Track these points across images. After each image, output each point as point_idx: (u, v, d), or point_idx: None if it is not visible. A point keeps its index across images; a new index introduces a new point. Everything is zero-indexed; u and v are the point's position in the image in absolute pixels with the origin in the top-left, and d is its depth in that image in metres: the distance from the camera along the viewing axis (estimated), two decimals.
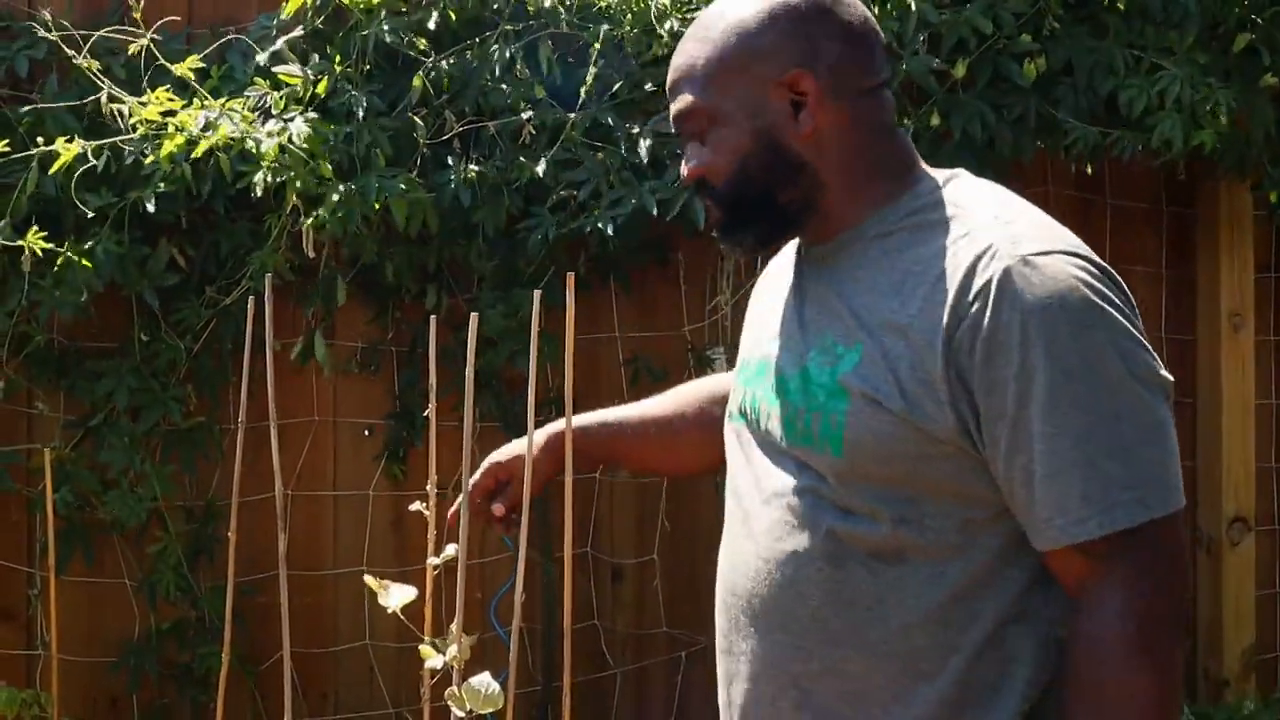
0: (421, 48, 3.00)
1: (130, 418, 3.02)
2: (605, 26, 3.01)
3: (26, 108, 2.88)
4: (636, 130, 2.96)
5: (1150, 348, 1.31)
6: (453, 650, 2.20)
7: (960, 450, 1.28)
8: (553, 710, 3.19)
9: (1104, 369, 1.25)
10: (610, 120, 2.99)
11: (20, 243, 2.73)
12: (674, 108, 1.42)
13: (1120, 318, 1.28)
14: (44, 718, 2.86)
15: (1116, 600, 1.25)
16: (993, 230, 1.31)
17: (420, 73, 2.96)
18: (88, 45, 2.86)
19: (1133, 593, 1.25)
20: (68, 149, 2.75)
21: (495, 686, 2.10)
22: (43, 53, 2.94)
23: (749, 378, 1.46)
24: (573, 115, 2.98)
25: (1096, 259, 1.32)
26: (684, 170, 1.44)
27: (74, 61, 2.86)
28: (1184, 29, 2.97)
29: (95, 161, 2.77)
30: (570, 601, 2.76)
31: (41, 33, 2.87)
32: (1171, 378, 1.32)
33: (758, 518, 1.39)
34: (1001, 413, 1.26)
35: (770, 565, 1.36)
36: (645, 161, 2.94)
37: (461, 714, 2.20)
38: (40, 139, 2.80)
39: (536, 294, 2.67)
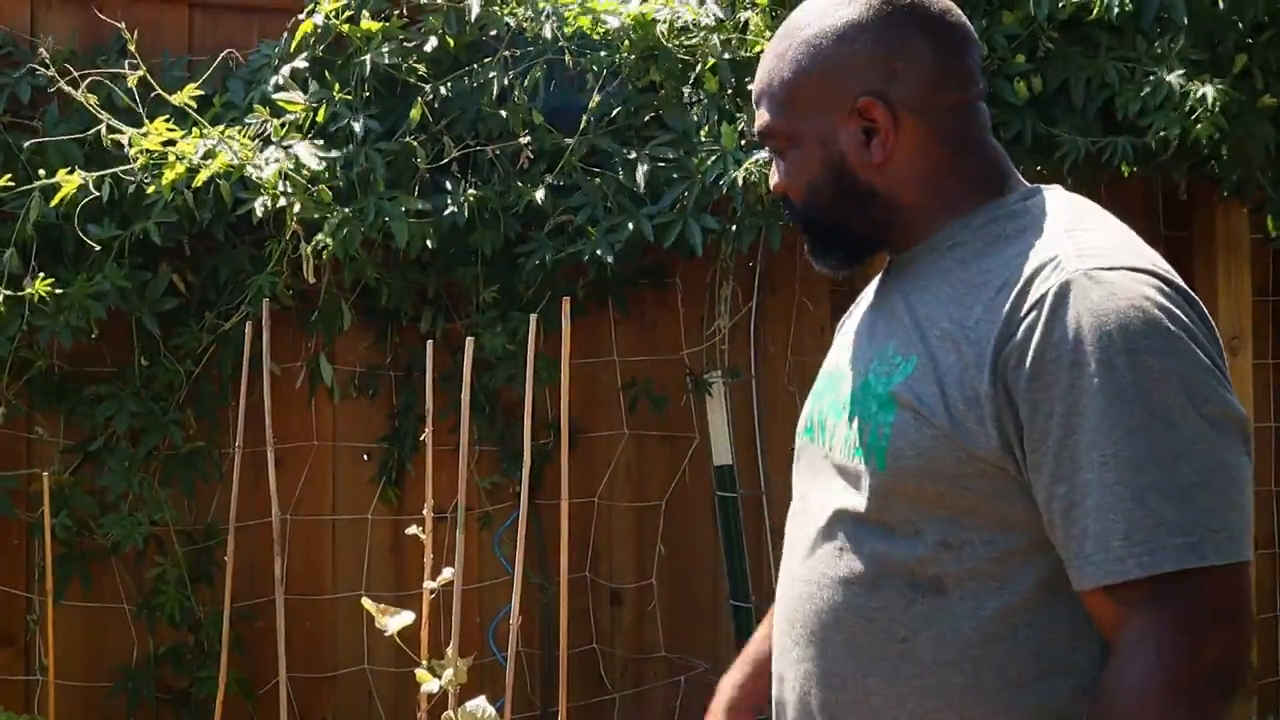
0: (420, 73, 3.02)
1: (130, 442, 3.03)
2: (603, 53, 3.03)
3: (29, 142, 2.90)
4: (633, 156, 2.98)
5: (1227, 382, 1.19)
6: (449, 674, 2.20)
7: (1001, 470, 1.21)
8: None
9: (1164, 399, 1.14)
10: (607, 146, 3.00)
11: (27, 291, 2.75)
12: (758, 119, 1.39)
13: (1193, 345, 1.17)
14: None
15: (1150, 652, 1.13)
16: (1062, 242, 1.23)
17: (419, 98, 2.98)
18: (86, 82, 2.87)
19: (1171, 646, 1.13)
20: (69, 180, 2.77)
21: (491, 710, 2.10)
22: (44, 80, 2.96)
23: (820, 391, 1.42)
24: (570, 141, 2.99)
25: (1177, 280, 1.22)
26: (771, 182, 1.42)
27: (74, 95, 2.87)
28: (1175, 39, 2.98)
29: (97, 192, 2.78)
30: (568, 625, 2.77)
31: (42, 69, 2.89)
32: (1247, 414, 1.20)
33: (809, 538, 1.34)
34: (1045, 436, 1.17)
35: (812, 588, 1.32)
36: (643, 188, 2.95)
37: None
38: (42, 170, 2.82)
39: (533, 318, 2.69)
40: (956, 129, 1.33)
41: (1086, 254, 1.21)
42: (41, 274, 2.78)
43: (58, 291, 2.77)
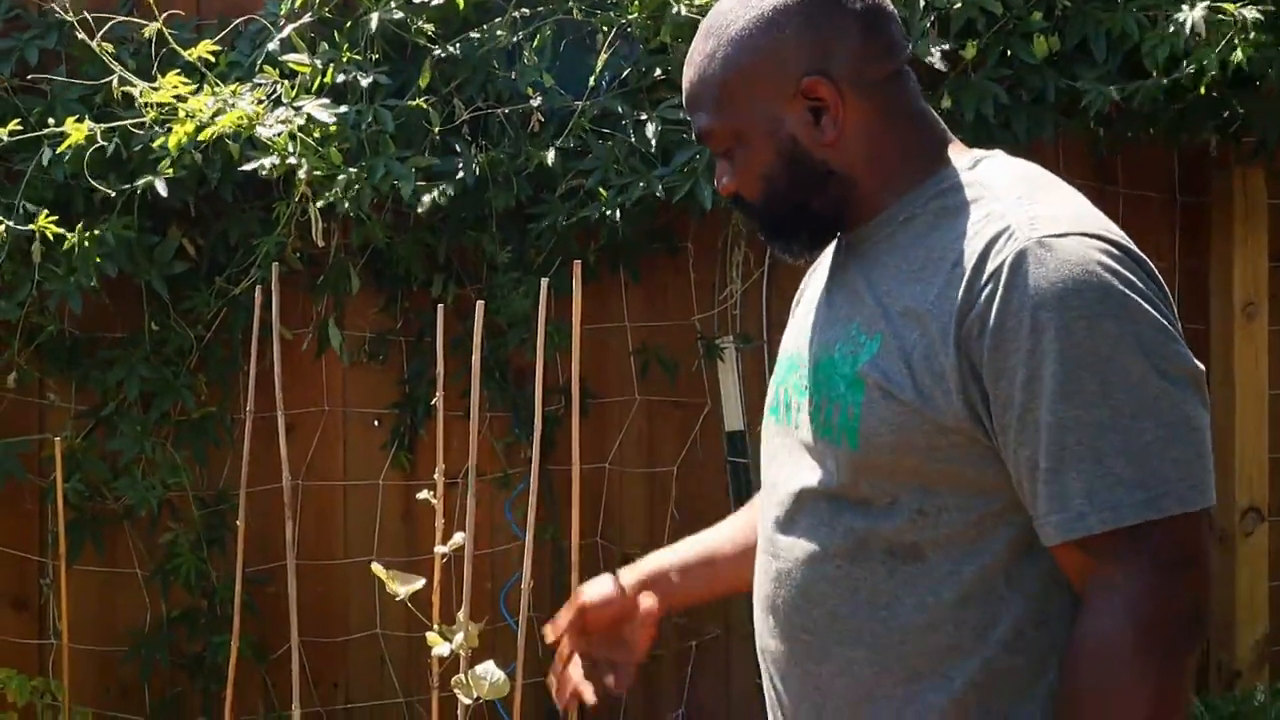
0: (429, 33, 2.99)
1: (141, 407, 3.03)
2: (613, 13, 3.00)
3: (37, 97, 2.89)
4: (644, 118, 2.95)
5: (1180, 337, 1.23)
6: (459, 637, 2.20)
7: (972, 439, 1.24)
8: None
9: (1120, 360, 1.19)
10: (619, 108, 2.98)
11: (31, 227, 2.74)
12: (694, 126, 1.38)
13: (1145, 305, 1.21)
14: (56, 706, 2.88)
15: (1118, 601, 1.19)
16: (1013, 211, 1.26)
17: (428, 60, 2.95)
18: (102, 31, 2.86)
19: (1137, 593, 1.19)
20: (78, 129, 2.76)
21: (501, 675, 2.10)
22: (53, 42, 2.95)
23: (782, 374, 1.43)
24: (581, 103, 2.97)
25: (1125, 242, 1.26)
26: (718, 185, 1.40)
27: (86, 49, 2.86)
28: None
29: (105, 143, 2.77)
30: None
31: (59, 13, 2.87)
32: (1202, 367, 1.25)
33: (781, 517, 1.36)
34: (1009, 402, 1.21)
35: (791, 564, 1.34)
36: (654, 148, 2.93)
37: (469, 701, 2.20)
38: (51, 122, 2.81)
39: (544, 282, 2.68)
40: (895, 97, 1.35)
41: (1039, 222, 1.24)
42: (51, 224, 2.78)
43: (67, 237, 2.76)
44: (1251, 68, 2.87)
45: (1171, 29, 2.85)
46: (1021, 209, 1.26)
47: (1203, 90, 2.91)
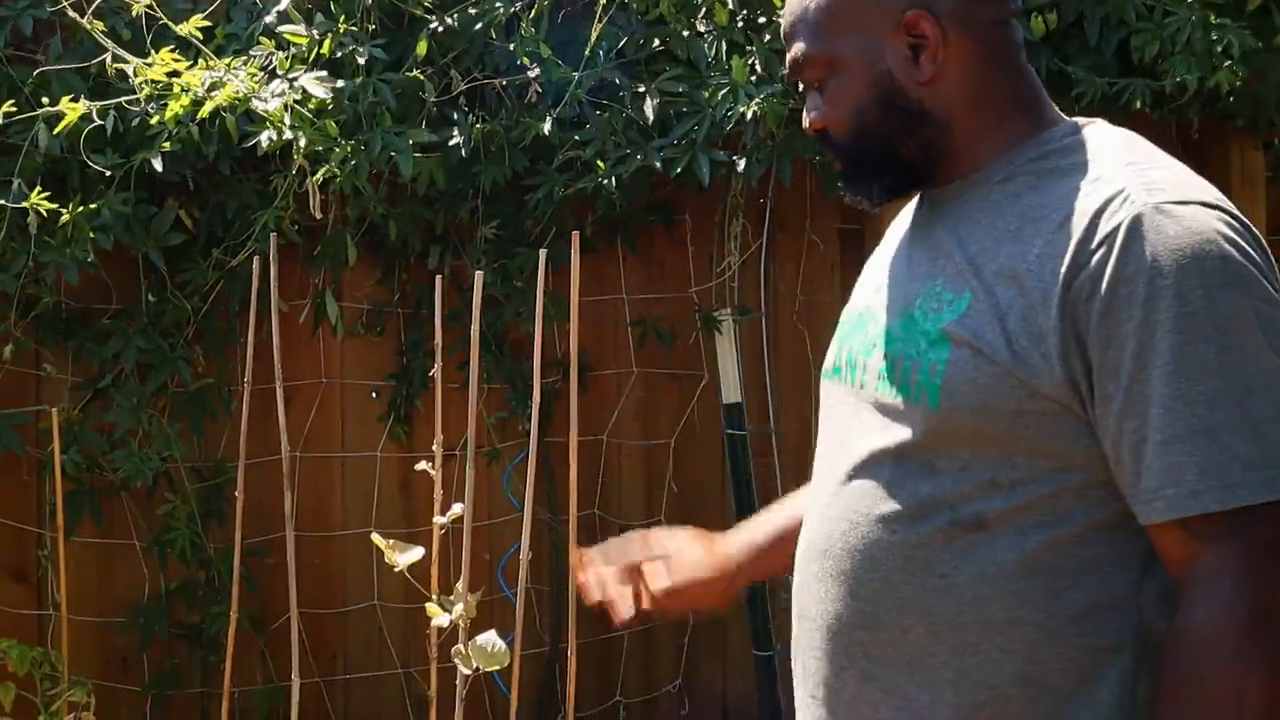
0: (426, 4, 2.97)
1: (138, 379, 3.03)
2: None
3: (36, 71, 2.87)
4: (642, 89, 2.94)
5: None
6: (459, 608, 2.21)
7: (1064, 408, 1.19)
8: (560, 670, 3.20)
9: (1239, 334, 1.14)
10: (616, 79, 2.97)
11: (25, 204, 2.72)
12: (789, 55, 1.34)
13: (1264, 280, 1.17)
14: (55, 676, 2.89)
15: (1229, 587, 1.13)
16: (1127, 175, 1.21)
17: (424, 31, 2.94)
18: (93, 7, 2.84)
19: (1250, 580, 1.12)
20: (73, 108, 2.74)
21: (501, 645, 2.11)
22: (46, 13, 2.93)
23: (847, 332, 1.38)
24: (577, 74, 2.96)
25: (1242, 217, 1.21)
26: (805, 121, 1.36)
27: (78, 22, 2.84)
28: None
29: (101, 121, 2.76)
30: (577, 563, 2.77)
31: None
32: None
33: (841, 479, 1.31)
34: (1116, 371, 1.15)
35: (846, 527, 1.29)
36: (652, 121, 2.92)
37: (468, 672, 2.21)
38: (46, 100, 2.79)
39: (543, 253, 2.67)
40: (999, 45, 1.31)
41: (1155, 188, 1.19)
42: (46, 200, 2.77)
43: (61, 212, 2.75)
44: (1229, 95, 2.91)
45: (1167, 30, 2.85)
46: (1135, 174, 1.21)
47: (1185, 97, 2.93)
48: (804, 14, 1.32)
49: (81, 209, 2.78)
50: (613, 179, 2.90)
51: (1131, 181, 1.20)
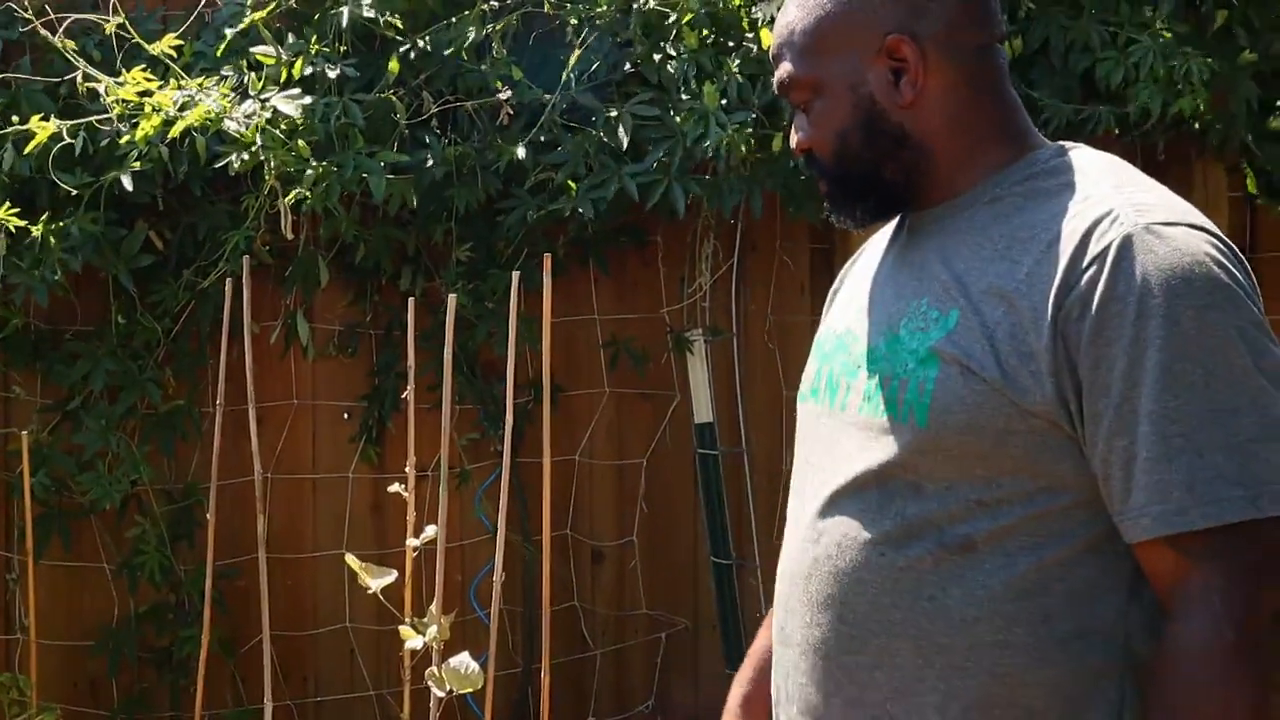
0: (398, 26, 2.98)
1: (108, 400, 3.01)
2: (582, 6, 3.00)
3: (4, 90, 2.86)
4: (615, 114, 2.96)
5: (1275, 337, 1.20)
6: (432, 631, 2.20)
7: (1052, 426, 1.19)
8: (533, 691, 3.20)
9: (1226, 356, 1.15)
10: (588, 103, 2.98)
11: None
12: (776, 76, 1.35)
13: (1250, 302, 1.19)
14: (23, 701, 2.86)
15: (1215, 605, 1.14)
16: (1115, 197, 1.22)
17: (396, 53, 2.94)
18: (64, 26, 2.83)
19: (1236, 598, 1.14)
20: (43, 128, 2.74)
21: (475, 666, 2.11)
22: (16, 33, 2.92)
23: (827, 353, 1.38)
24: (550, 97, 2.97)
25: (1226, 239, 1.23)
26: (792, 141, 1.38)
27: (49, 42, 2.84)
28: (1159, 3, 2.97)
29: (71, 140, 2.75)
30: (549, 583, 2.78)
31: (18, 11, 2.85)
32: None
33: (824, 502, 1.31)
34: (1107, 389, 1.17)
35: (832, 550, 1.28)
36: (624, 145, 2.93)
37: (442, 694, 2.21)
38: (16, 119, 2.78)
39: (515, 275, 2.68)
40: (982, 71, 1.32)
41: (1143, 209, 1.21)
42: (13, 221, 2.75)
43: (31, 229, 2.74)
44: (1192, 121, 2.95)
45: (1130, 59, 2.90)
46: (1124, 195, 1.23)
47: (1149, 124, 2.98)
48: (790, 36, 1.34)
49: (52, 226, 2.77)
50: (590, 204, 2.91)
51: (1120, 203, 1.22)
